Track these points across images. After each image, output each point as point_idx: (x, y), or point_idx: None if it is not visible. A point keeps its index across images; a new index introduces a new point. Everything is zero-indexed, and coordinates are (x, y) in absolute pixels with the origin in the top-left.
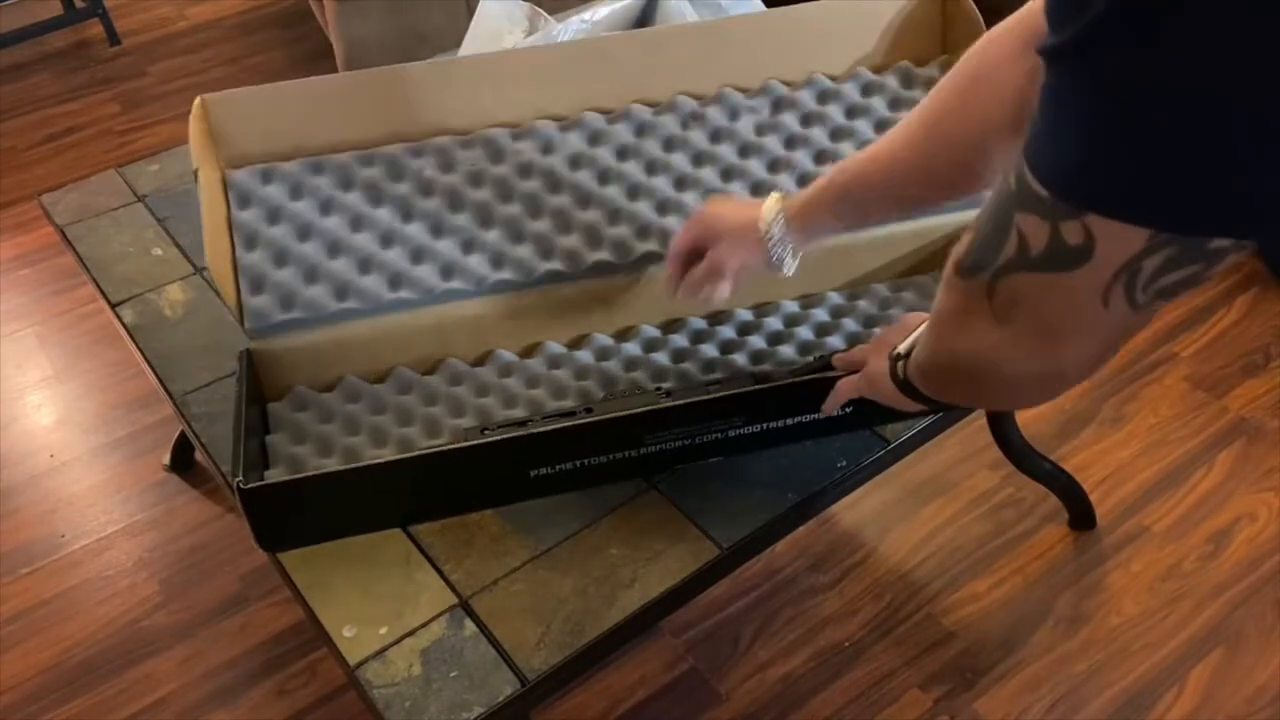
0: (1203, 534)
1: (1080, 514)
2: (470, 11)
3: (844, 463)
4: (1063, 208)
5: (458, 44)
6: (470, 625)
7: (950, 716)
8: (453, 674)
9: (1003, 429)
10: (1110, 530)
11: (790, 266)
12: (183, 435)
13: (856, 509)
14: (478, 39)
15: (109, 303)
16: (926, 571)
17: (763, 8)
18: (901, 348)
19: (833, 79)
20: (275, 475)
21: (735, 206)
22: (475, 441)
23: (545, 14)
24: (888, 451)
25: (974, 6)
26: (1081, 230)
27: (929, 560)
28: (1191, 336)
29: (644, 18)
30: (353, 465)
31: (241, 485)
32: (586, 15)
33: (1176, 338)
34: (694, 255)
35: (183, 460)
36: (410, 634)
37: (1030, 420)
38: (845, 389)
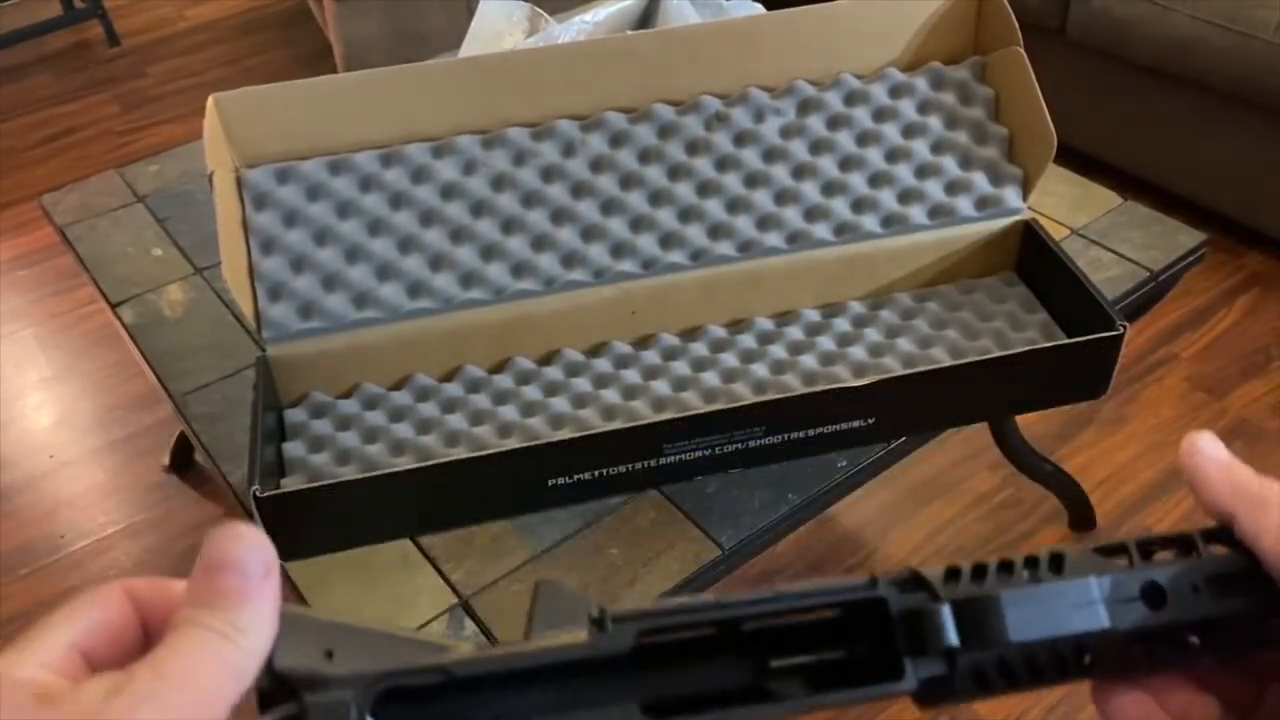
0: None
1: (1080, 515)
2: (470, 12)
3: (844, 463)
4: None
5: (458, 44)
6: (470, 625)
7: (951, 718)
8: None
9: (1003, 430)
10: (1110, 531)
11: None
12: (182, 436)
13: (857, 509)
14: (478, 40)
15: (109, 303)
16: None
17: (761, 9)
18: None
19: (861, 79)
20: (291, 484)
21: None
22: (494, 450)
23: (545, 14)
24: (888, 452)
25: (1008, 6)
26: None
27: (929, 561)
28: (1191, 337)
29: (645, 18)
30: (371, 474)
31: (258, 494)
32: (587, 16)
33: (1177, 339)
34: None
35: (182, 461)
36: None
37: (1031, 421)
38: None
